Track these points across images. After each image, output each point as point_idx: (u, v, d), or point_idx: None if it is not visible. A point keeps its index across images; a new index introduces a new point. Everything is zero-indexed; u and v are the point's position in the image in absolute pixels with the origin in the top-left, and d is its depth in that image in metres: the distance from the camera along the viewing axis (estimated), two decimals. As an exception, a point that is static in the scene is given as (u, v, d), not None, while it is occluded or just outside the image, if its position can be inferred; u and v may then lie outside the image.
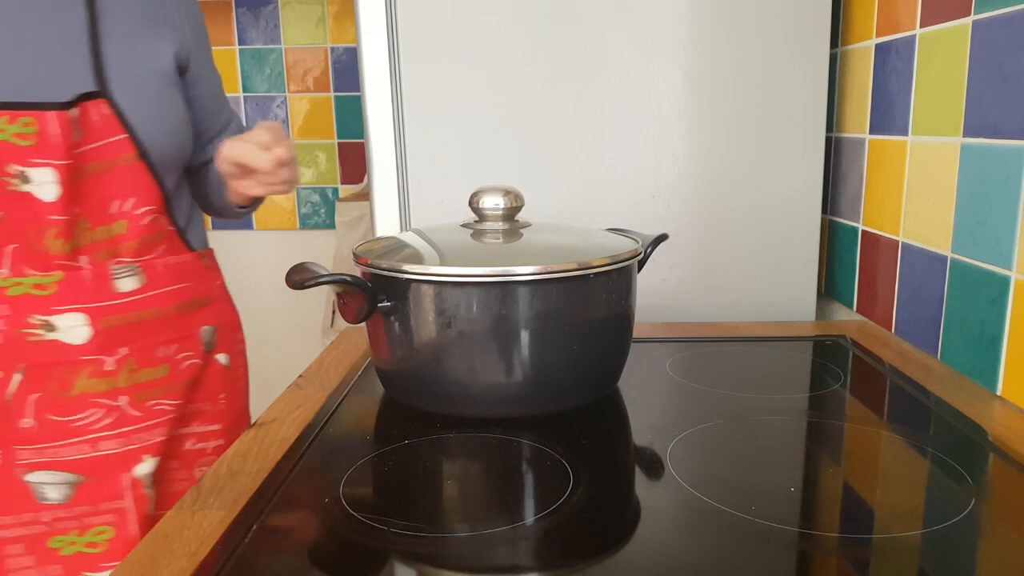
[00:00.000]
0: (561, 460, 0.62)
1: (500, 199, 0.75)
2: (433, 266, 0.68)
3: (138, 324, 0.90)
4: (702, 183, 1.05)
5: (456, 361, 0.69)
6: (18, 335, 0.84)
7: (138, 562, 0.50)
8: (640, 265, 0.76)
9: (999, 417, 0.70)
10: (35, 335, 0.85)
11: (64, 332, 0.85)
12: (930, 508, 0.55)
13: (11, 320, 0.84)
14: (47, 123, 0.82)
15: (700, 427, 0.68)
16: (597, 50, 1.02)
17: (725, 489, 0.57)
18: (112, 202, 0.87)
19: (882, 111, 0.97)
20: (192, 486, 0.61)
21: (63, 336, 0.86)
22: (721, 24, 1.01)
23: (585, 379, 0.73)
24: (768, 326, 1.01)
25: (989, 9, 0.75)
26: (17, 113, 0.81)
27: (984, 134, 0.76)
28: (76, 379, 0.86)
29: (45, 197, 0.83)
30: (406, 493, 0.59)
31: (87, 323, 0.86)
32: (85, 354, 0.87)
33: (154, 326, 0.92)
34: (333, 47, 2.24)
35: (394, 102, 1.04)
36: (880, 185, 0.98)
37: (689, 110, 1.04)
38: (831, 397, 0.76)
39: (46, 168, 0.82)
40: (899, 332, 0.94)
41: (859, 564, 0.49)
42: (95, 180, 0.85)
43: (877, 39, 0.98)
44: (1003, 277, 0.74)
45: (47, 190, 0.83)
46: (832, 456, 0.65)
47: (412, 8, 1.02)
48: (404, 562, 0.50)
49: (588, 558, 0.50)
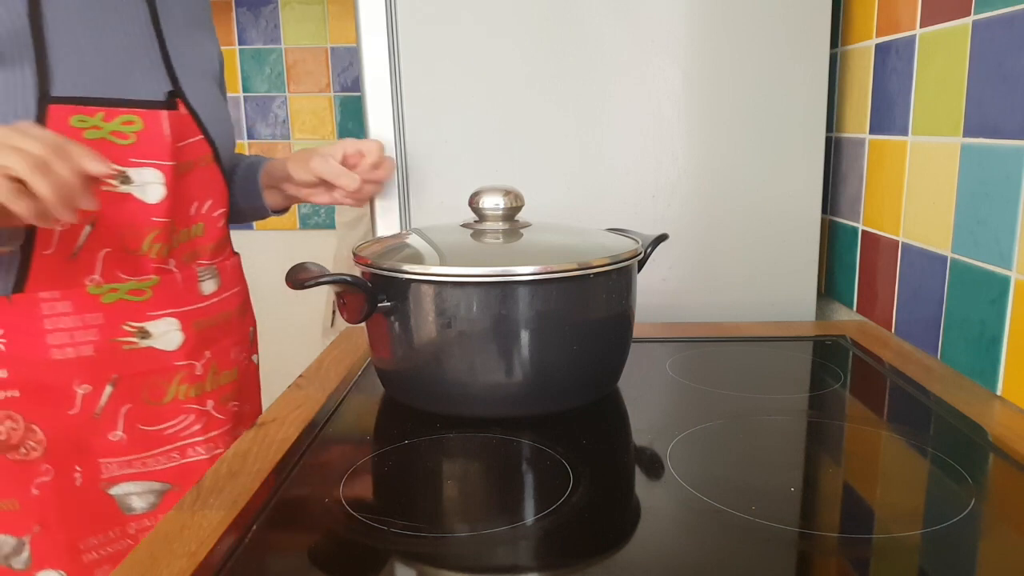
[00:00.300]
0: (561, 460, 0.62)
1: (500, 199, 0.75)
2: (433, 266, 0.68)
3: (217, 327, 0.90)
4: (702, 183, 1.05)
5: (456, 361, 0.69)
6: (112, 344, 0.81)
7: (138, 562, 0.50)
8: (640, 265, 0.76)
9: (999, 417, 0.70)
10: (130, 343, 0.82)
11: (158, 338, 0.83)
12: (930, 508, 0.55)
13: (104, 329, 0.80)
14: (154, 121, 0.79)
15: (700, 427, 0.68)
16: (597, 50, 1.02)
17: (725, 489, 0.57)
18: (192, 204, 0.86)
19: (882, 111, 0.97)
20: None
21: (157, 343, 0.83)
22: (721, 24, 1.01)
23: (585, 379, 0.73)
24: (768, 326, 1.01)
25: (989, 9, 0.75)
26: (115, 111, 0.78)
27: (984, 134, 0.76)
28: (168, 386, 0.85)
29: (149, 198, 0.80)
30: (406, 493, 0.59)
31: (179, 328, 0.85)
32: (178, 359, 0.85)
33: (227, 328, 0.92)
34: (333, 47, 2.24)
35: (394, 102, 1.04)
36: (880, 185, 0.98)
37: (689, 110, 1.04)
38: (831, 397, 0.76)
39: (150, 168, 0.79)
40: (899, 332, 0.94)
41: (859, 564, 0.49)
42: (184, 182, 0.84)
43: (877, 39, 0.98)
44: (1003, 277, 0.74)
45: (152, 191, 0.80)
46: (832, 456, 0.65)
47: (412, 8, 1.02)
48: (404, 562, 0.50)
49: (588, 558, 0.50)
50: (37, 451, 0.79)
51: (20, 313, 0.77)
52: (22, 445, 0.79)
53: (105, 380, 0.81)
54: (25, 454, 0.79)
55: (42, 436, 0.79)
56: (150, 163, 0.79)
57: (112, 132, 0.77)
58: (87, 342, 0.80)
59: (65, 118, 0.74)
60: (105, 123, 0.77)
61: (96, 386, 0.81)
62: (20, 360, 0.77)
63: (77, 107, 0.75)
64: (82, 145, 0.68)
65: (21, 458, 0.79)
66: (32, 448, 0.79)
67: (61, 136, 0.67)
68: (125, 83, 0.79)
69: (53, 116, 0.74)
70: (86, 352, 0.80)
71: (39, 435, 0.79)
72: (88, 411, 0.81)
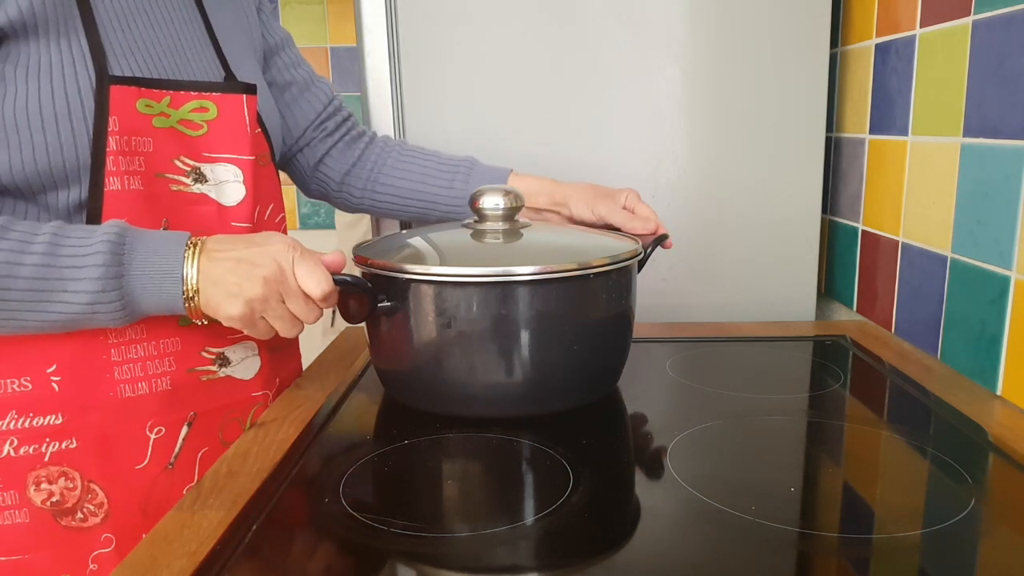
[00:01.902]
0: (561, 460, 0.62)
1: (500, 199, 0.75)
2: (433, 266, 0.68)
3: (284, 351, 0.82)
4: (702, 183, 1.05)
5: (456, 361, 0.69)
6: (190, 376, 0.70)
7: (138, 562, 0.50)
8: (640, 265, 0.76)
9: (999, 417, 0.70)
10: (209, 373, 0.71)
11: (236, 365, 0.74)
12: (930, 508, 0.55)
13: (182, 357, 0.69)
14: (232, 108, 0.69)
15: (700, 427, 0.68)
16: (597, 50, 1.02)
17: (725, 489, 0.57)
18: (256, 208, 0.75)
19: (882, 111, 0.97)
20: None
21: (235, 371, 0.74)
22: (721, 24, 1.01)
23: (585, 379, 0.73)
24: (768, 326, 1.01)
25: (989, 9, 0.75)
26: (183, 95, 0.67)
27: (984, 134, 0.76)
28: (245, 422, 0.75)
29: (227, 200, 0.71)
30: (406, 493, 0.59)
31: (256, 352, 0.75)
32: (254, 390, 0.76)
33: (291, 352, 0.85)
34: (333, 47, 2.24)
35: (394, 102, 1.04)
36: (880, 185, 0.98)
37: (689, 110, 1.04)
38: (831, 397, 0.76)
39: (227, 164, 0.70)
40: (899, 332, 0.94)
41: (859, 564, 0.49)
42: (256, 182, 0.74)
43: (877, 39, 0.98)
44: (1003, 277, 0.74)
45: (230, 191, 0.71)
46: (832, 456, 0.65)
47: (412, 8, 1.02)
48: (404, 562, 0.50)
49: (588, 558, 0.50)
50: (97, 516, 0.67)
51: (79, 342, 0.65)
52: (79, 509, 0.67)
53: (181, 420, 0.70)
54: (82, 520, 0.67)
55: (103, 498, 0.67)
56: (227, 157, 0.70)
57: (181, 121, 0.68)
58: (163, 374, 0.69)
59: (131, 103, 0.65)
60: (172, 109, 0.67)
61: (170, 428, 0.70)
62: (78, 402, 0.66)
63: (141, 90, 0.65)
64: (308, 259, 0.65)
65: (77, 525, 0.67)
66: (91, 513, 0.67)
67: (288, 249, 0.64)
68: (182, 64, 0.70)
69: (117, 99, 0.64)
70: (162, 386, 0.69)
71: (100, 496, 0.67)
72: (161, 461, 0.69)
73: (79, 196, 0.64)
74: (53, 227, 0.62)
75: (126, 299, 0.63)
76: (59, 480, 0.66)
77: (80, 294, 0.61)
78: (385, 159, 0.93)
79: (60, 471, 0.66)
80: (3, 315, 0.61)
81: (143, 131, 0.66)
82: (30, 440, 0.65)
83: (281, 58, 0.88)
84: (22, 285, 0.60)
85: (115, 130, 0.64)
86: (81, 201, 0.65)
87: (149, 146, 0.66)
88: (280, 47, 0.88)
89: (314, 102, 0.91)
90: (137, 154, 0.66)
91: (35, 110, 0.61)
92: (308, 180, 0.95)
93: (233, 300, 0.63)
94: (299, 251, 0.66)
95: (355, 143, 0.94)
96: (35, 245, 0.60)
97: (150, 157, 0.67)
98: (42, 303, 0.61)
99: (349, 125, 0.94)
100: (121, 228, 0.63)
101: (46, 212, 0.65)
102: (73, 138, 0.62)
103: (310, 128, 0.91)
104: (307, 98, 0.91)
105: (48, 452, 0.66)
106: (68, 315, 0.62)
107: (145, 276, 0.62)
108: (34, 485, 0.66)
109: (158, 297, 0.63)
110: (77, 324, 0.63)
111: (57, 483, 0.66)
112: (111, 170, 0.64)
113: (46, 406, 0.65)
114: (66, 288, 0.61)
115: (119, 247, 0.62)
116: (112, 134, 0.64)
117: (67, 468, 0.66)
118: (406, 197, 0.92)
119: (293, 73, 0.89)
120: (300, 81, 0.90)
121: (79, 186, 0.64)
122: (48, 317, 0.62)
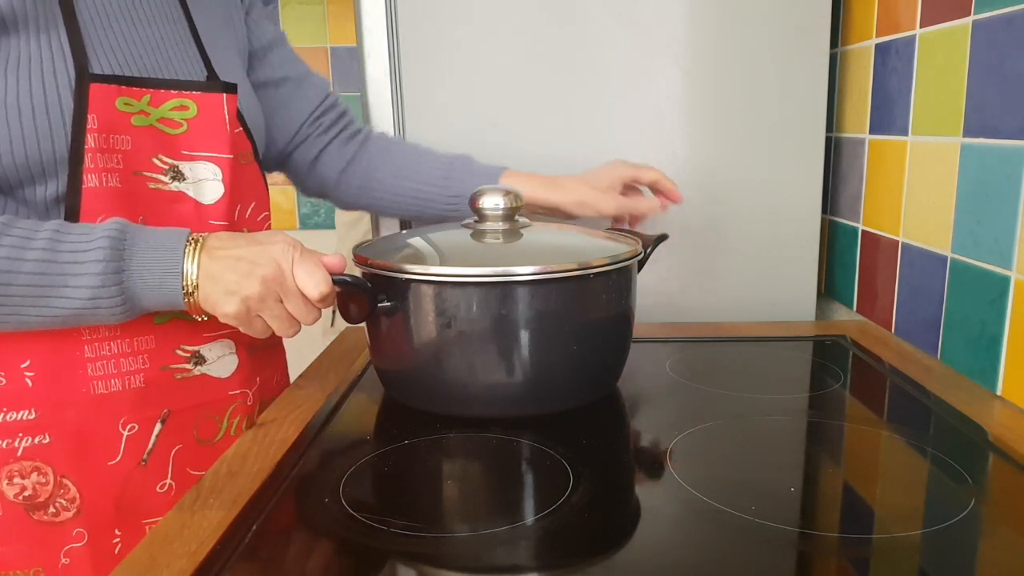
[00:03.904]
0: (561, 460, 0.62)
1: (500, 199, 0.75)
2: (433, 266, 0.68)
3: (266, 350, 0.82)
4: (702, 183, 1.05)
5: (456, 361, 0.69)
6: (164, 373, 0.70)
7: (138, 562, 0.50)
8: (640, 265, 0.76)
9: (999, 417, 0.70)
10: (183, 371, 0.71)
11: (212, 364, 0.73)
12: (930, 508, 0.55)
13: (156, 354, 0.70)
14: (211, 107, 0.69)
15: (700, 427, 0.68)
16: (597, 50, 1.02)
17: (725, 489, 0.57)
18: (235, 206, 0.75)
19: (882, 111, 0.97)
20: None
21: (211, 369, 0.73)
22: (721, 24, 1.01)
23: (585, 379, 0.73)
24: (768, 326, 1.01)
25: (989, 9, 0.75)
26: (163, 93, 0.68)
27: (984, 134, 0.76)
28: (221, 421, 0.75)
29: (204, 198, 0.70)
30: (406, 493, 0.59)
31: (234, 350, 0.75)
32: (231, 388, 0.76)
33: (275, 351, 0.85)
34: (333, 47, 2.24)
35: (394, 102, 1.04)
36: (880, 185, 0.98)
37: (689, 110, 1.04)
38: (831, 397, 0.76)
39: (205, 162, 0.70)
40: (899, 332, 0.94)
41: (859, 564, 0.49)
42: (235, 180, 0.74)
43: (877, 39, 0.98)
44: (1003, 277, 0.74)
45: (208, 189, 0.70)
46: (832, 456, 0.65)
47: (412, 8, 1.01)
48: (404, 562, 0.50)
49: (588, 558, 0.50)
50: (69, 511, 0.68)
51: (53, 339, 0.66)
52: (51, 503, 0.67)
53: (155, 417, 0.70)
54: (55, 514, 0.68)
55: (75, 493, 0.68)
56: (206, 156, 0.70)
57: (161, 119, 0.68)
58: (137, 371, 0.69)
59: (110, 100, 0.65)
60: (152, 108, 0.67)
61: (143, 425, 0.70)
62: (52, 398, 0.66)
63: (121, 88, 0.66)
64: (308, 260, 0.66)
65: (50, 519, 0.68)
66: (63, 507, 0.68)
67: (288, 248, 0.65)
68: (163, 63, 0.70)
69: (96, 97, 0.64)
70: (136, 383, 0.69)
71: (72, 491, 0.68)
72: (134, 458, 0.70)
73: (56, 191, 0.65)
74: (54, 224, 0.62)
75: (127, 294, 0.63)
76: (32, 475, 0.67)
77: (81, 289, 0.62)
78: (381, 155, 0.93)
79: (33, 466, 0.67)
80: (5, 311, 0.62)
81: (121, 129, 0.66)
82: (3, 435, 0.66)
83: (275, 55, 0.88)
84: (24, 281, 0.61)
85: (94, 127, 0.64)
86: (59, 196, 0.65)
87: (127, 144, 0.67)
88: (273, 45, 0.88)
89: (310, 97, 0.91)
90: (115, 152, 0.66)
91: (12, 103, 0.61)
92: (306, 177, 0.95)
93: (230, 298, 0.64)
94: (300, 251, 0.67)
95: (352, 139, 0.94)
96: (37, 242, 0.61)
97: (128, 155, 0.67)
98: (44, 299, 0.62)
99: (345, 121, 0.94)
100: (122, 225, 0.64)
101: (24, 207, 0.66)
102: (51, 133, 0.63)
103: (306, 124, 0.91)
104: (302, 93, 0.91)
105: (21, 447, 0.66)
106: (70, 311, 0.62)
107: (146, 271, 0.63)
108: (7, 479, 0.66)
109: (158, 292, 0.64)
110: (79, 319, 0.64)
111: (30, 477, 0.67)
112: (89, 167, 0.65)
113: (19, 401, 0.66)
114: (67, 284, 0.62)
115: (120, 243, 0.63)
116: (91, 131, 0.64)
117: (40, 463, 0.67)
118: (401, 194, 0.92)
119: (288, 69, 0.89)
120: (295, 77, 0.90)
121: (56, 181, 0.64)
122: (50, 313, 0.62)
